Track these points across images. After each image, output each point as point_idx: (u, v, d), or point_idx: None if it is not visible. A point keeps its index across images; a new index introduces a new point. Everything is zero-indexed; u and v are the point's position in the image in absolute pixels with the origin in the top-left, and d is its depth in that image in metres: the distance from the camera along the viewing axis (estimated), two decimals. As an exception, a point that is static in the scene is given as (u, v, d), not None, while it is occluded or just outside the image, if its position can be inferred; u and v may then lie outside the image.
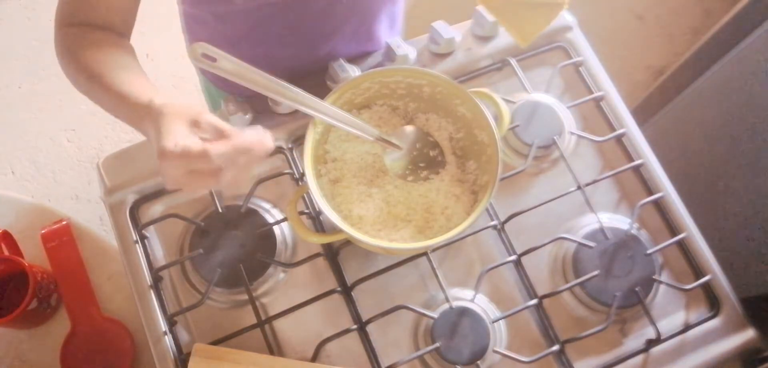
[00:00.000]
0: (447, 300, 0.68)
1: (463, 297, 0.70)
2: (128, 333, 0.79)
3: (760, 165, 1.02)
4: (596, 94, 0.80)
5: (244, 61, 0.55)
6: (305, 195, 0.74)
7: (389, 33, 0.88)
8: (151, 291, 0.70)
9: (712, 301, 0.72)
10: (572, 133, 0.78)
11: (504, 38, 0.83)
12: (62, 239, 0.83)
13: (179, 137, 0.50)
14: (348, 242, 0.71)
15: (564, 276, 0.72)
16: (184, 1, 0.79)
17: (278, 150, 0.77)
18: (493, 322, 0.68)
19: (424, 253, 0.71)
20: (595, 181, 0.75)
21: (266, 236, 0.72)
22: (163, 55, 1.80)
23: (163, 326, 0.68)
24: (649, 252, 0.71)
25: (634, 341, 0.70)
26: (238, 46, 0.77)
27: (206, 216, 0.73)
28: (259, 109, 0.77)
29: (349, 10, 0.79)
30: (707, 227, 0.75)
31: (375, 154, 0.71)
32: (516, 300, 0.71)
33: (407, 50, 0.78)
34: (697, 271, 0.73)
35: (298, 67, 0.82)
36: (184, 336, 0.69)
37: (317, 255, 0.71)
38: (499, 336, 0.69)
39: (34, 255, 0.83)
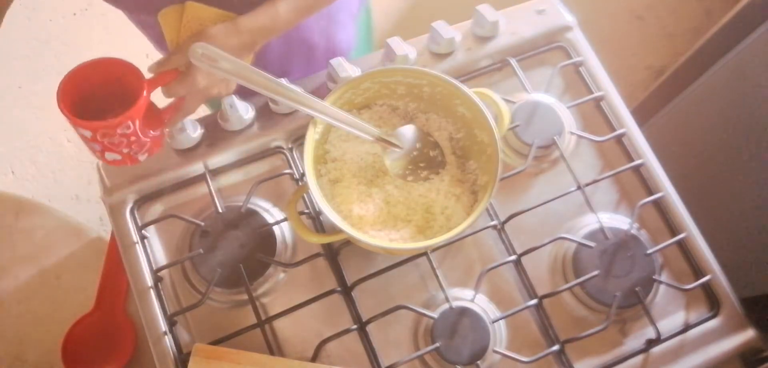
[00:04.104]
0: (447, 300, 0.68)
1: (463, 297, 0.70)
2: (135, 334, 0.78)
3: (760, 165, 1.02)
4: (596, 94, 0.80)
5: None
6: (305, 195, 0.74)
7: (307, 65, 0.84)
8: (151, 291, 0.70)
9: (712, 301, 0.72)
10: (572, 133, 0.78)
11: (504, 38, 0.83)
12: None
13: None
14: (348, 242, 0.71)
15: (564, 276, 0.72)
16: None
17: (278, 150, 0.77)
18: (493, 322, 0.68)
19: (424, 253, 0.70)
20: (595, 181, 0.75)
21: (266, 236, 0.72)
22: (162, 55, 1.80)
23: (163, 326, 0.68)
24: (649, 252, 0.71)
25: (634, 341, 0.70)
26: None
27: (206, 216, 0.73)
28: (259, 108, 0.77)
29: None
30: (707, 227, 0.75)
31: (375, 154, 0.70)
32: (516, 300, 0.71)
33: (407, 50, 0.78)
34: (697, 271, 0.73)
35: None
36: (184, 336, 0.69)
37: (317, 255, 0.71)
38: (499, 336, 0.69)
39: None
